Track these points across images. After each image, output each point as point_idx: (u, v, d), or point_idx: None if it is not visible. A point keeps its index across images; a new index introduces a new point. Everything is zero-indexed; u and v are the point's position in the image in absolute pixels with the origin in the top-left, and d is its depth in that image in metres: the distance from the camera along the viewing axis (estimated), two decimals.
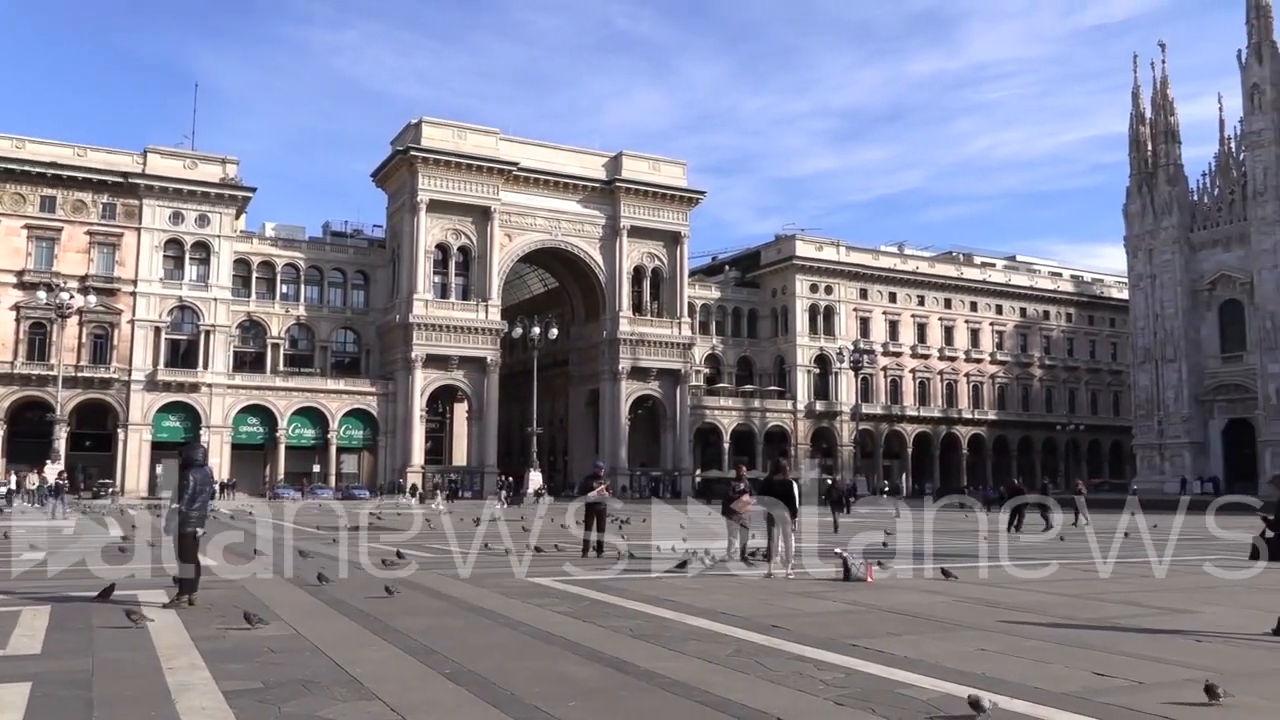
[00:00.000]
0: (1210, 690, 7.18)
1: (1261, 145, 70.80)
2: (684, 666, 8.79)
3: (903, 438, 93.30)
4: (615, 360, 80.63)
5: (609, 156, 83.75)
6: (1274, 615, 12.61)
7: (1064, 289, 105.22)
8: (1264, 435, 69.80)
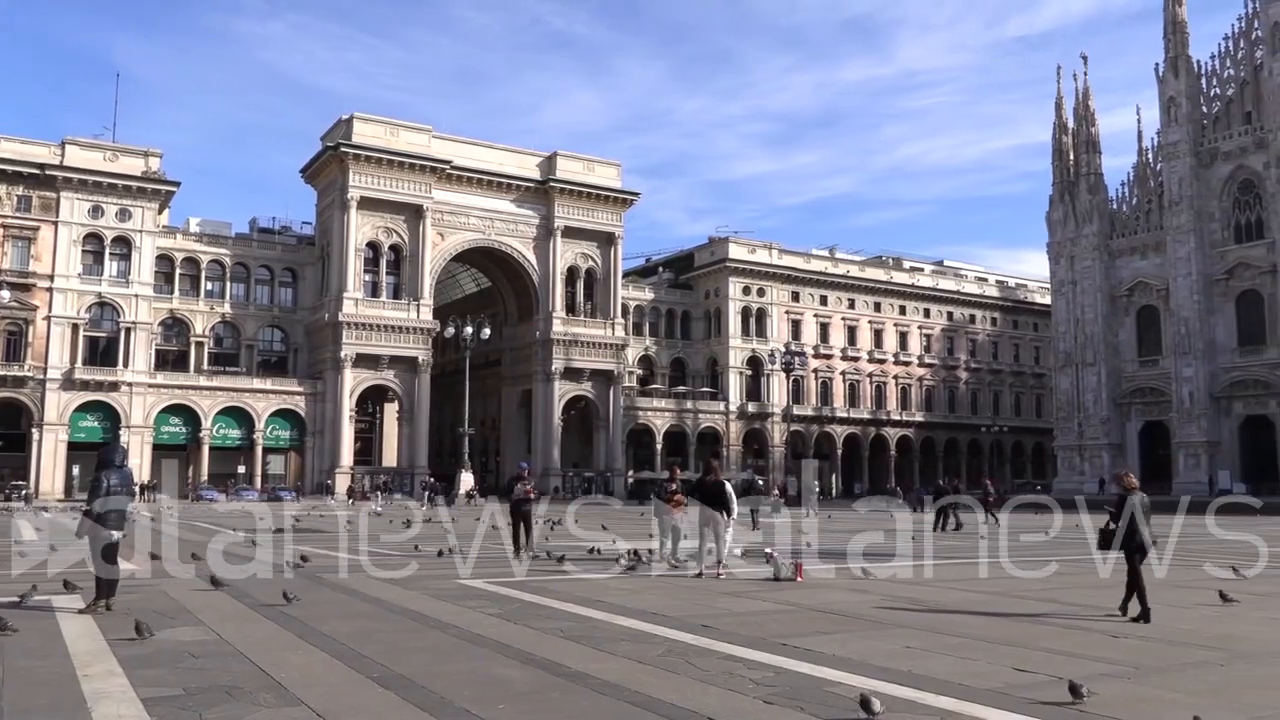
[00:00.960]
0: (1074, 689, 7.32)
1: (1177, 157, 73.16)
2: (615, 667, 8.80)
3: (833, 439, 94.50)
4: (548, 361, 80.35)
5: (543, 156, 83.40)
6: (1176, 611, 13.06)
7: (990, 294, 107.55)
8: (1178, 437, 72.14)
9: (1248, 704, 7.61)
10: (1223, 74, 73.56)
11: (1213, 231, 71.84)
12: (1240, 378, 70.05)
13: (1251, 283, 69.87)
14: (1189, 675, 8.74)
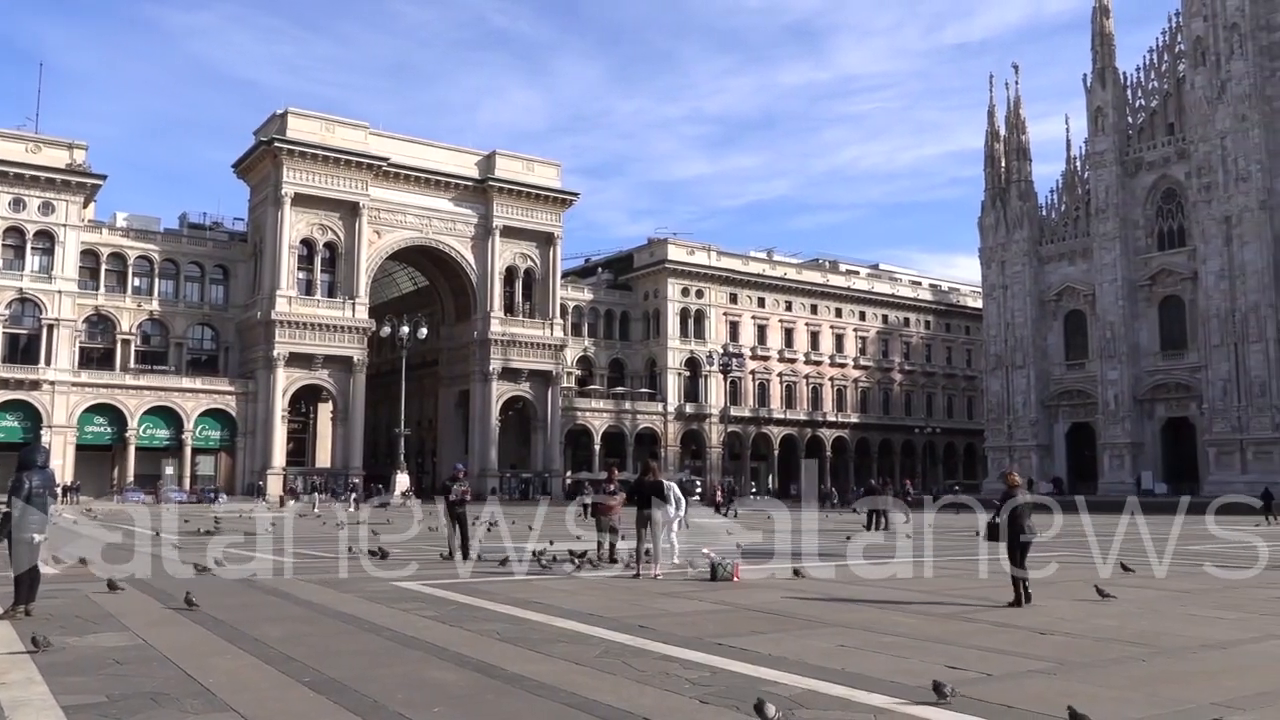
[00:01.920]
0: (938, 689, 7.40)
1: (1104, 165, 75.14)
2: (551, 668, 8.76)
3: (769, 440, 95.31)
4: (486, 361, 79.84)
5: (482, 155, 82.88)
6: (1103, 608, 13.41)
7: (923, 297, 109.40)
8: (1103, 438, 74.08)
9: (1168, 698, 7.84)
10: (1147, 86, 75.74)
11: (1137, 239, 73.91)
12: (1162, 381, 72.16)
13: (1173, 289, 72.01)
14: (1112, 671, 8.97)
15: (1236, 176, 66.42)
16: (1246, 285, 65.50)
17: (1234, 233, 66.33)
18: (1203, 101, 68.51)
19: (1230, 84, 67.04)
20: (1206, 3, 68.99)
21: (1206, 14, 68.88)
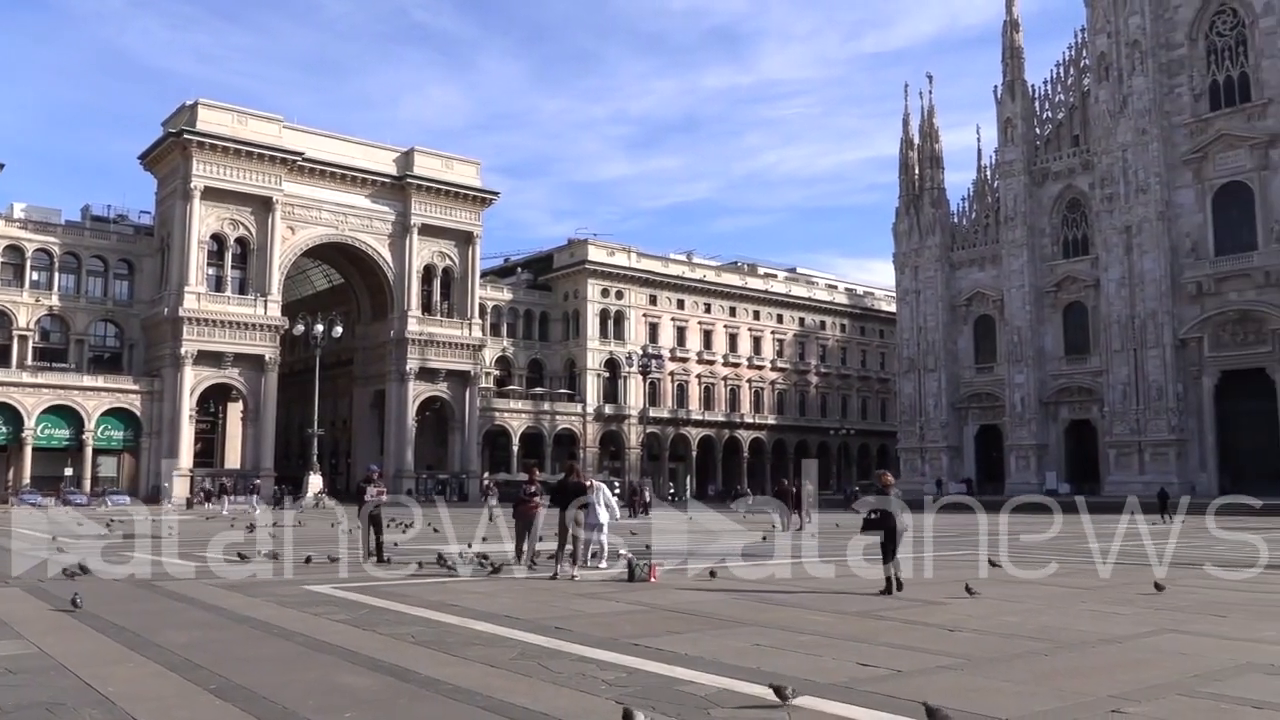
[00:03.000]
0: (779, 691, 7.36)
1: (1013, 174, 77.36)
2: (466, 672, 8.68)
3: (688, 441, 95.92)
4: (403, 360, 78.79)
5: (401, 152, 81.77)
6: (1010, 607, 13.81)
7: (839, 301, 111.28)
8: (1010, 440, 76.25)
9: (1069, 691, 8.09)
10: (1054, 98, 78.18)
11: (1044, 246, 76.23)
12: (1066, 385, 74.53)
13: (1077, 295, 74.45)
14: (1017, 665, 9.23)
15: (1137, 188, 68.97)
16: (1145, 293, 68.05)
17: (1134, 242, 68.87)
18: (1106, 115, 71.00)
19: (1131, 99, 69.60)
20: (1110, 20, 71.50)
21: (1110, 31, 71.38)
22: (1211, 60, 67.98)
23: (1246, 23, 66.44)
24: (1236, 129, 65.78)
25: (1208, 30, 68.39)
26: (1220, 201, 66.57)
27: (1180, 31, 69.14)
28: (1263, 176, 64.63)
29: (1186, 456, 66.06)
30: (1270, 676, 8.74)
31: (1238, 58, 66.76)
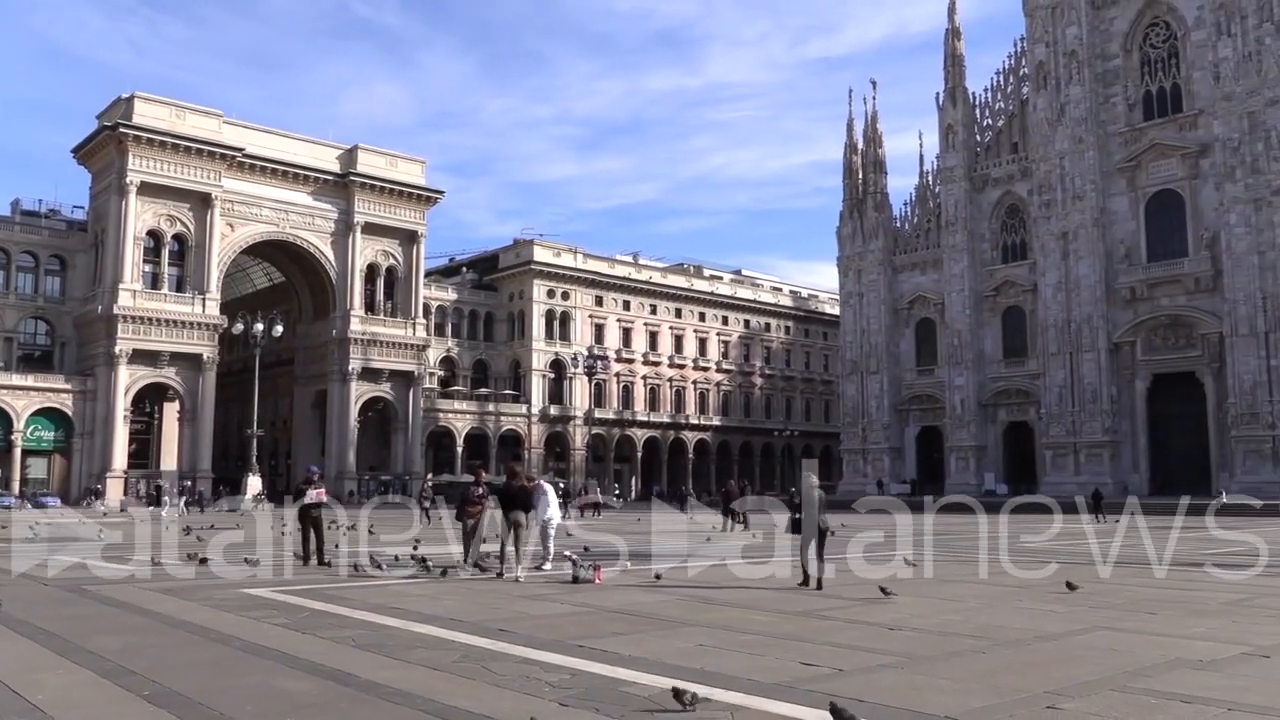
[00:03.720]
0: (678, 696, 7.28)
1: (954, 180, 78.61)
2: (408, 675, 8.59)
3: (633, 442, 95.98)
4: (345, 360, 77.79)
5: (344, 149, 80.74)
6: (949, 604, 14.02)
7: (784, 303, 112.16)
8: (950, 441, 77.45)
9: (1006, 687, 8.24)
10: (994, 106, 79.59)
11: (983, 251, 77.55)
12: (1004, 387, 75.90)
13: (1015, 300, 75.85)
14: (955, 663, 9.37)
15: (1073, 195, 70.48)
16: (1081, 298, 69.57)
17: (1070, 248, 70.37)
18: (1044, 123, 72.44)
19: (1069, 107, 71.12)
20: (1048, 30, 73.00)
21: (1048, 41, 72.87)
22: (1145, 71, 69.73)
23: (1178, 35, 68.25)
24: (1169, 139, 67.54)
25: (1142, 42, 70.14)
26: (1153, 209, 68.30)
27: (1116, 43, 70.82)
28: (1193, 185, 66.42)
29: (1120, 457, 67.66)
30: (1198, 671, 8.98)
31: (1170, 69, 68.56)
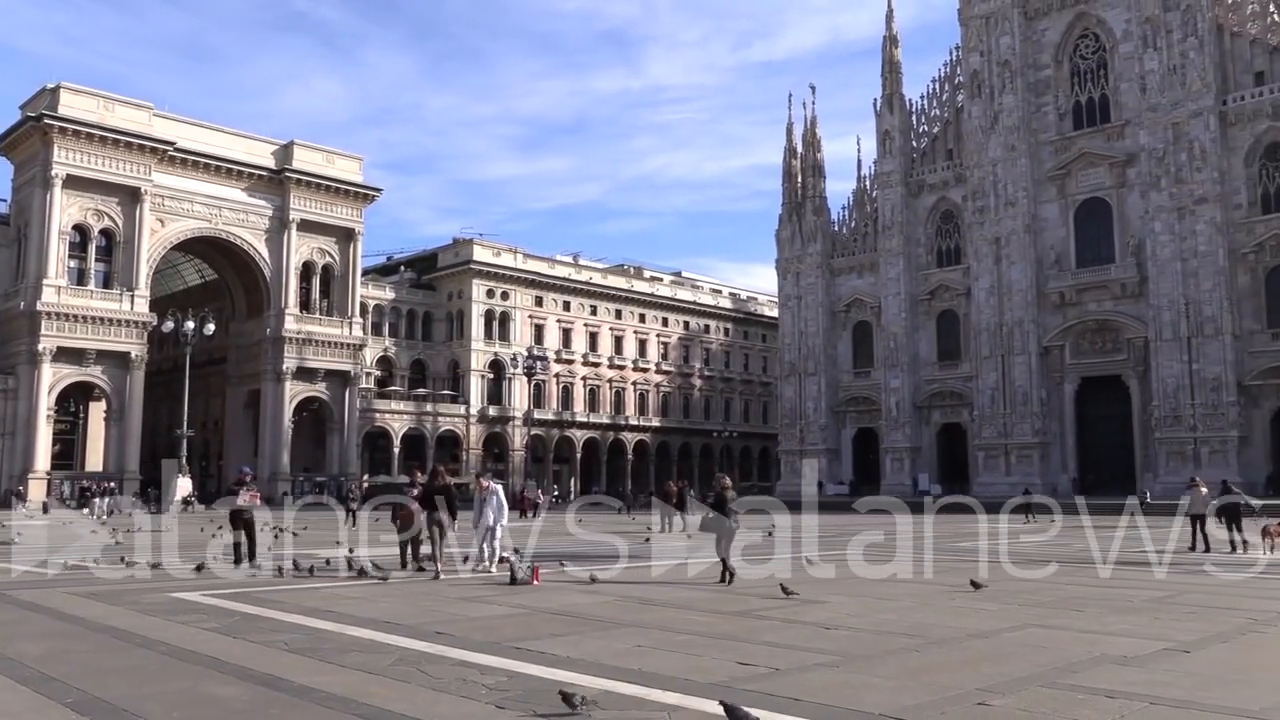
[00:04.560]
0: (567, 699, 7.23)
1: (890, 185, 79.82)
2: (342, 679, 8.47)
3: (573, 443, 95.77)
4: (279, 360, 76.43)
5: (279, 145, 79.31)
6: (884, 603, 14.22)
7: (724, 305, 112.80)
8: (885, 443, 78.60)
9: (938, 685, 8.37)
10: (930, 113, 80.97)
11: (919, 255, 78.84)
12: (938, 389, 77.22)
13: (950, 303, 77.24)
14: (889, 661, 9.50)
15: (1006, 201, 72.01)
16: (1013, 302, 71.09)
17: (1003, 253, 71.87)
18: (978, 131, 73.92)
19: (1002, 116, 72.64)
20: (983, 40, 74.50)
21: (983, 50, 74.37)
22: (1075, 82, 71.48)
23: (1107, 48, 70.10)
24: (1097, 148, 69.33)
25: (1072, 53, 71.90)
26: (1082, 216, 70.06)
27: (1047, 53, 72.50)
28: (1120, 194, 68.27)
29: (1049, 458, 69.27)
30: (1122, 667, 9.22)
31: (1099, 80, 70.38)
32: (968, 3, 75.68)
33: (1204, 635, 11.14)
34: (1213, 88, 63.71)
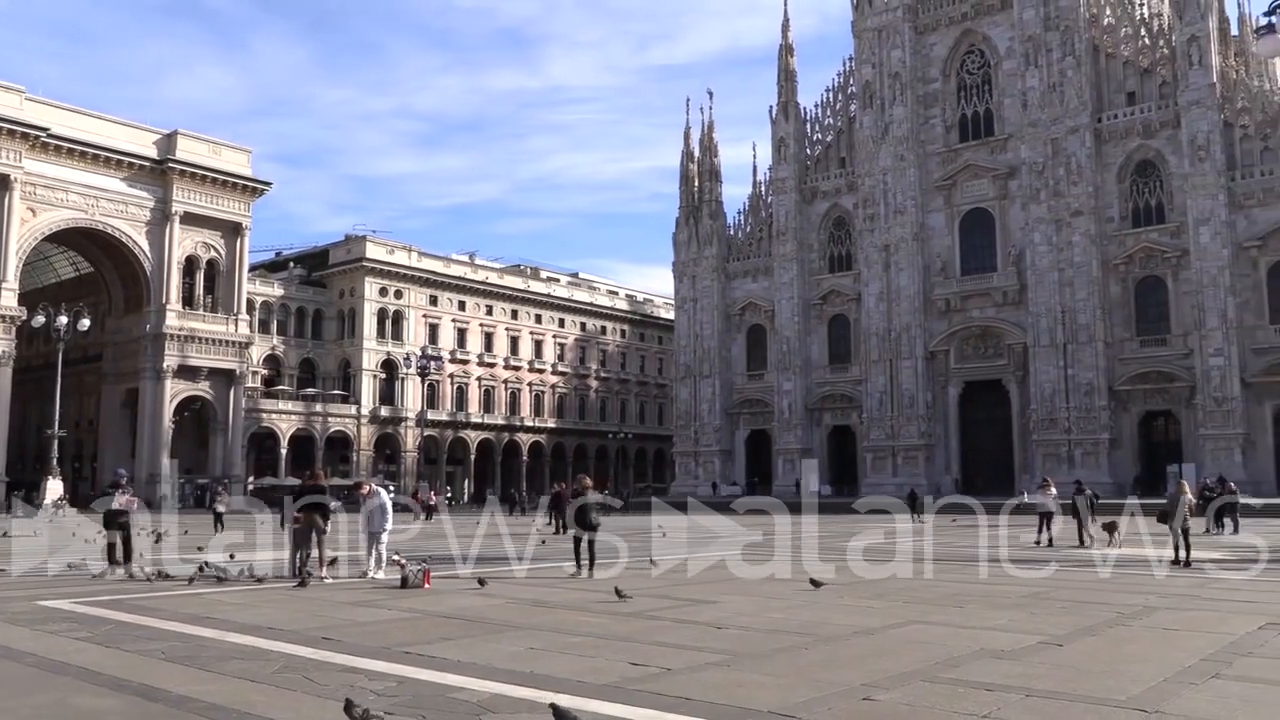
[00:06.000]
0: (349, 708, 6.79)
1: (785, 191, 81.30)
2: (223, 688, 8.20)
3: (467, 444, 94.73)
4: (160, 357, 73.56)
5: (163, 134, 76.34)
6: (774, 602, 14.44)
7: (620, 307, 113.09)
8: (777, 445, 79.98)
9: (826, 681, 8.55)
10: (824, 121, 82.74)
11: (812, 261, 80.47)
12: (829, 392, 78.93)
13: (841, 308, 79.03)
14: (779, 659, 9.66)
15: (895, 210, 74.08)
16: (901, 308, 73.17)
17: (892, 260, 73.92)
18: (869, 140, 75.88)
19: (892, 126, 74.72)
20: (875, 52, 76.52)
21: (875, 62, 76.38)
22: (962, 96, 73.98)
23: (992, 64, 72.74)
24: (981, 160, 71.89)
25: (959, 68, 74.39)
26: (966, 226, 72.53)
27: (935, 67, 74.85)
28: (1002, 205, 70.91)
29: (934, 460, 71.48)
30: (1000, 660, 9.56)
31: (984, 95, 72.98)
32: (861, 15, 77.60)
33: (1075, 629, 11.64)
34: (1089, 106, 66.72)
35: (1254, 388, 60.78)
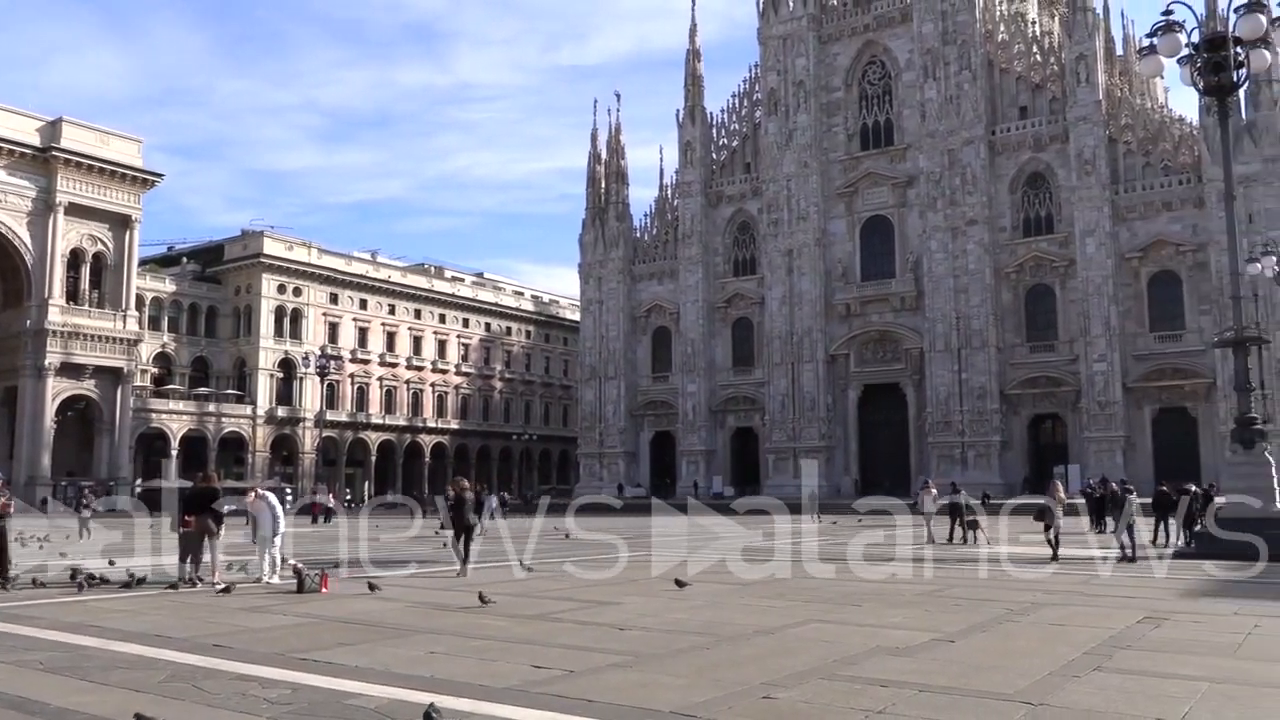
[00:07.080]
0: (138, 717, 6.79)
1: (691, 195, 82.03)
2: (106, 699, 7.88)
3: (367, 445, 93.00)
4: (41, 354, 70.36)
5: (46, 121, 73.03)
6: (677, 603, 14.54)
7: (525, 307, 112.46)
8: (681, 446, 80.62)
9: (727, 681, 8.63)
10: (730, 127, 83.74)
11: (717, 264, 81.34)
12: (733, 394, 79.87)
13: (745, 311, 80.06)
14: (680, 660, 9.72)
15: (798, 215, 75.39)
16: (803, 312, 74.47)
17: (794, 265, 75.19)
18: (774, 146, 77.08)
19: (796, 134, 76.04)
20: (780, 60, 77.77)
21: (780, 69, 77.61)
22: (864, 105, 75.69)
23: (892, 75, 74.59)
24: (881, 169, 73.66)
25: (861, 78, 76.09)
26: (867, 232, 74.23)
27: (839, 77, 76.41)
28: (901, 213, 72.77)
29: (834, 461, 72.92)
30: (895, 657, 9.79)
31: (885, 105, 74.80)
32: (767, 23, 78.78)
33: (967, 625, 12.00)
34: (984, 118, 68.94)
35: (1134, 392, 63.58)
